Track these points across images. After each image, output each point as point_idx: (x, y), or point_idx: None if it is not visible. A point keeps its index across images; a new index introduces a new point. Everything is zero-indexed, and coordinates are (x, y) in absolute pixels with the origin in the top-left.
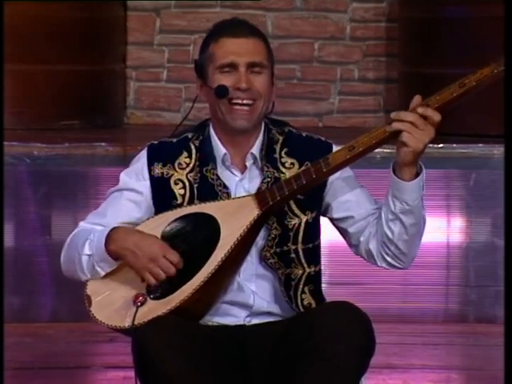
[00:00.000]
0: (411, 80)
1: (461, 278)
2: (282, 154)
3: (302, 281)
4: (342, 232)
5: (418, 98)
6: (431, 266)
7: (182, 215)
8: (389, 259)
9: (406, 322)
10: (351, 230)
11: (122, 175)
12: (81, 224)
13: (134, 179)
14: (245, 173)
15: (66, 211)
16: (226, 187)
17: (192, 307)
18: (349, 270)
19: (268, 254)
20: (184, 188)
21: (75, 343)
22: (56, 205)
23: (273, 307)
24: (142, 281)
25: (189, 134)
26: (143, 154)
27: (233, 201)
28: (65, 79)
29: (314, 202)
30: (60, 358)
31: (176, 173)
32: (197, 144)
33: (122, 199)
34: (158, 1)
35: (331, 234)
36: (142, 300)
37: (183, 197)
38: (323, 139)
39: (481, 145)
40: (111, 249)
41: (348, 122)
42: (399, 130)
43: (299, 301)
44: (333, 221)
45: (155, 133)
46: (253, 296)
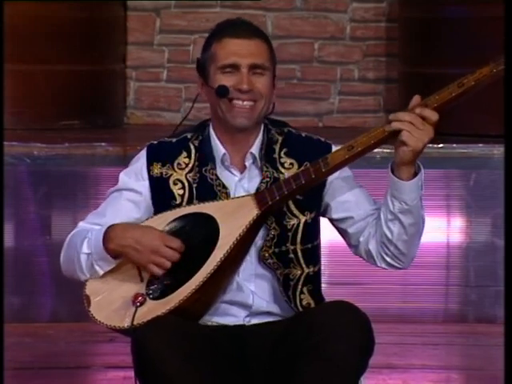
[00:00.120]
0: (411, 80)
1: (461, 278)
2: (282, 154)
3: (301, 281)
4: (342, 232)
5: (417, 98)
6: (431, 266)
7: (180, 215)
8: (388, 259)
9: (405, 322)
10: (350, 231)
11: (122, 175)
12: (80, 224)
13: (134, 179)
14: (244, 172)
15: (65, 211)
16: (225, 187)
17: (191, 307)
18: (348, 270)
19: (266, 254)
20: (183, 188)
21: (75, 343)
22: (56, 205)
23: (272, 307)
24: (142, 280)
25: (188, 134)
26: (142, 154)
27: (232, 201)
28: (65, 79)
29: (313, 203)
30: (60, 357)
31: (175, 173)
32: (196, 144)
33: (121, 199)
34: (158, 1)
35: (331, 234)
36: (141, 300)
37: (182, 197)
38: (322, 139)
39: (481, 145)
40: (110, 247)
41: (348, 122)
42: (398, 130)
43: (298, 301)
44: (332, 221)
45: (155, 133)
46: (252, 296)
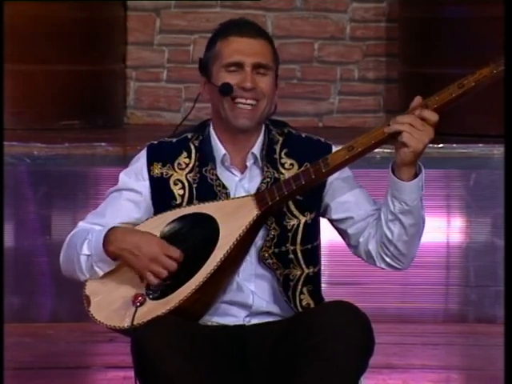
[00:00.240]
0: (411, 80)
1: (461, 278)
2: (282, 154)
3: (301, 281)
4: (341, 233)
5: (418, 99)
6: (431, 266)
7: (181, 215)
8: (388, 260)
9: (405, 322)
10: (350, 231)
11: (122, 175)
12: (80, 224)
13: (134, 179)
14: (245, 172)
15: (65, 211)
16: (225, 187)
17: (191, 307)
18: (348, 270)
19: (266, 255)
20: (183, 188)
21: (75, 343)
22: (56, 205)
23: (272, 307)
24: (141, 281)
25: (188, 134)
26: (143, 153)
27: (232, 201)
28: (65, 79)
29: (313, 203)
30: (60, 357)
31: (175, 173)
32: (196, 144)
33: (121, 199)
34: (158, 1)
35: (331, 234)
36: (141, 300)
37: (182, 197)
38: (323, 140)
39: (481, 145)
40: (110, 250)
41: (348, 122)
42: (399, 131)
43: (298, 301)
44: (332, 222)
45: (155, 133)
46: (252, 296)
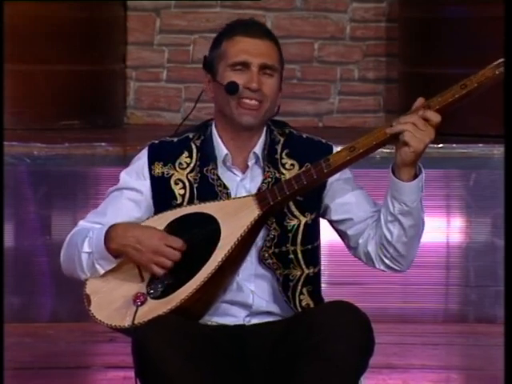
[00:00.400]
0: (411, 80)
1: (461, 278)
2: (283, 155)
3: (301, 282)
4: (341, 234)
5: (420, 100)
6: (431, 266)
7: (181, 215)
8: (387, 261)
9: (405, 322)
10: (350, 233)
11: (123, 174)
12: (80, 223)
13: (135, 178)
14: (246, 172)
15: (65, 211)
16: (225, 187)
17: (192, 307)
18: (348, 270)
19: (266, 255)
20: (184, 188)
21: (75, 343)
22: (56, 205)
23: (272, 307)
24: (142, 280)
25: (190, 134)
26: (144, 153)
27: (233, 201)
28: (65, 79)
29: (314, 204)
30: (60, 357)
31: (176, 172)
32: (198, 144)
33: (121, 198)
34: (158, 1)
35: (331, 235)
36: (142, 299)
37: (183, 197)
38: (323, 141)
39: (481, 145)
40: (112, 247)
41: (348, 122)
42: (400, 132)
43: (297, 301)
44: (332, 223)
45: (155, 133)
46: (252, 296)
